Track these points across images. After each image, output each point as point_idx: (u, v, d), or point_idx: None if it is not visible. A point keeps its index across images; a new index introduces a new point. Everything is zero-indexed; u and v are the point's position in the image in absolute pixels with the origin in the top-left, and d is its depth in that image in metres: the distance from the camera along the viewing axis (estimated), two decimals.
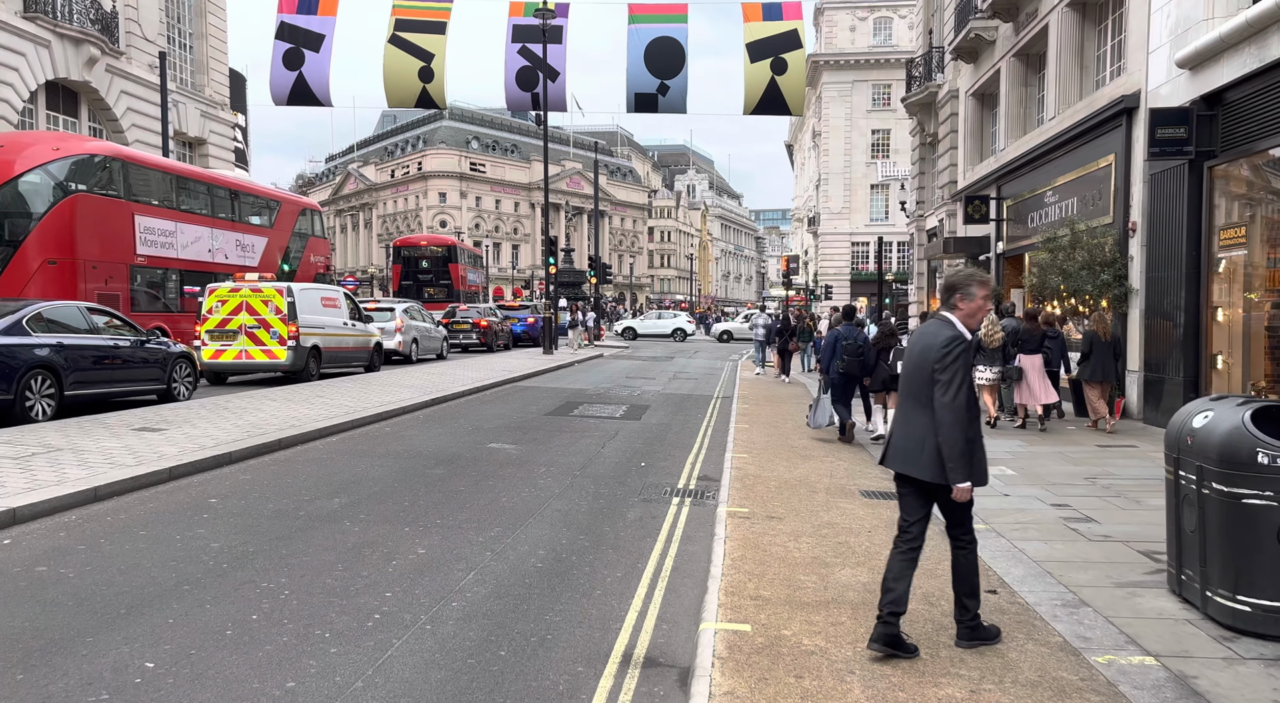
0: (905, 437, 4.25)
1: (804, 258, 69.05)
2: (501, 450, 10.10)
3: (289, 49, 28.37)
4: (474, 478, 8.46)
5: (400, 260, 42.94)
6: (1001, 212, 19.66)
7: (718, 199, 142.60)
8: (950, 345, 4.09)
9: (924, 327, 4.41)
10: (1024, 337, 12.06)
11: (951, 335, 4.14)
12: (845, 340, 10.98)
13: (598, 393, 17.11)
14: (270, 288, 15.76)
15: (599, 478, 8.69)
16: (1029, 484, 8.36)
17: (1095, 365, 11.75)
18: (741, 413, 13.96)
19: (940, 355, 4.08)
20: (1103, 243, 13.56)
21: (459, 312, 31.01)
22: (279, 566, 5.47)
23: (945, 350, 4.08)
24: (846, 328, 11.23)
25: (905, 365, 4.38)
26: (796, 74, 27.48)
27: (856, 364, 10.84)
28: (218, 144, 31.85)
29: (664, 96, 28.53)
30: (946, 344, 4.10)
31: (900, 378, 4.43)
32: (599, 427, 12.42)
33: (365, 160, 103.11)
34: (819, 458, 9.91)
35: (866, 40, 57.49)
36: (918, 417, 4.18)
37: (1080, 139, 15.24)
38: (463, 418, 12.81)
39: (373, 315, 22.39)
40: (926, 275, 29.35)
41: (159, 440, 9.02)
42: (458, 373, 19.33)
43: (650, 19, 29.25)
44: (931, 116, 27.13)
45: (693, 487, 8.43)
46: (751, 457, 9.73)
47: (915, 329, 4.96)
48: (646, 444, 11.01)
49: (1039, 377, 11.93)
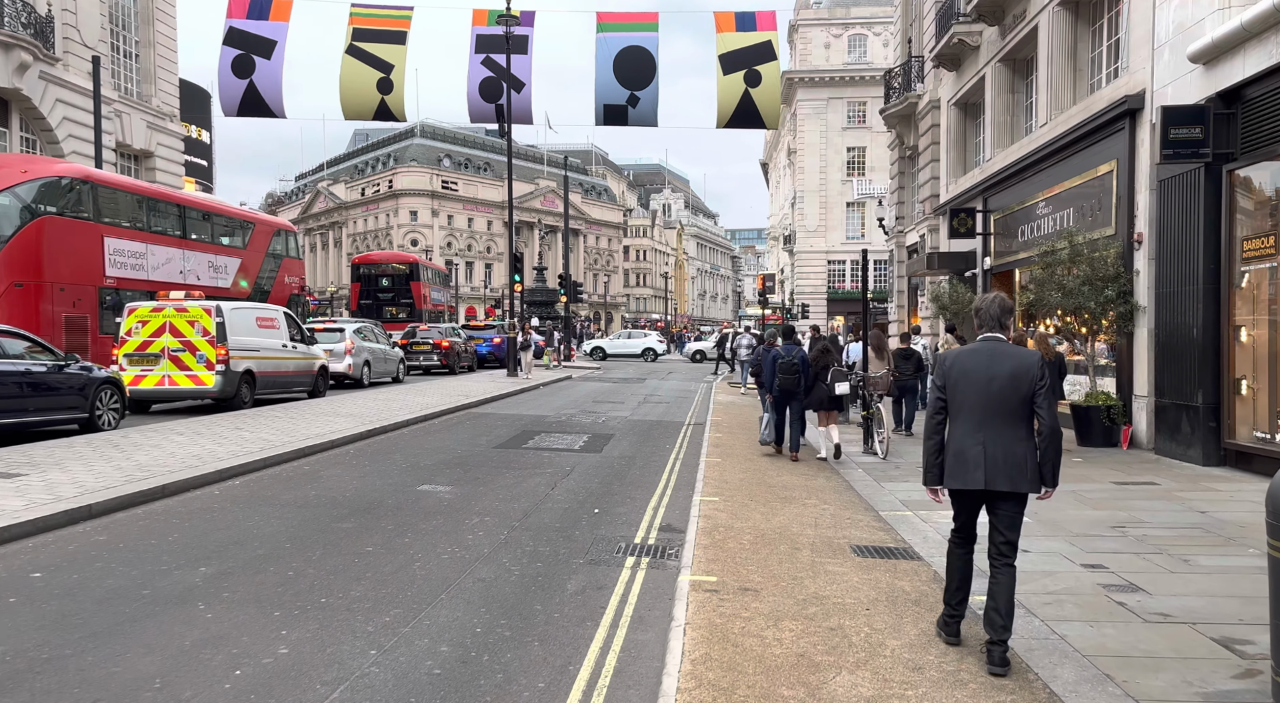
0: (1009, 455, 4.36)
1: (780, 276, 68.13)
2: (432, 495, 8.68)
3: (238, 56, 27.04)
4: (389, 533, 7.04)
5: (359, 278, 41.39)
6: (988, 225, 18.58)
7: (693, 218, 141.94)
8: (1043, 364, 4.45)
9: (991, 347, 4.49)
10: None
11: (1038, 355, 4.49)
12: (781, 359, 11.30)
13: (559, 420, 15.72)
14: (196, 307, 14.25)
15: (541, 530, 7.30)
16: (1048, 534, 7.07)
17: None
18: (714, 443, 12.63)
19: (1040, 374, 4.39)
20: (1105, 255, 12.42)
21: (419, 332, 29.52)
22: (68, 684, 4.02)
23: (1042, 369, 4.41)
24: (785, 347, 11.57)
25: (988, 387, 4.40)
26: (771, 86, 26.46)
27: (792, 381, 11.18)
28: (166, 157, 30.27)
29: (634, 108, 27.42)
30: (1041, 364, 4.43)
31: (979, 399, 4.42)
32: (554, 461, 11.04)
33: (335, 178, 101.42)
34: (800, 500, 8.59)
35: (841, 57, 56.98)
36: (1011, 432, 4.38)
37: (1076, 146, 14.16)
38: (399, 453, 11.37)
39: (320, 337, 20.93)
40: (907, 293, 28.29)
41: (6, 490, 7.50)
42: (408, 398, 17.86)
43: (619, 28, 28.16)
44: (911, 128, 26.15)
45: (652, 541, 7.07)
46: (723, 500, 8.39)
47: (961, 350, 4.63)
48: (604, 483, 9.63)
49: None
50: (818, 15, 57.48)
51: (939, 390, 4.54)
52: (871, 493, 9.07)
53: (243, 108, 27.30)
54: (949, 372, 4.50)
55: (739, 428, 14.82)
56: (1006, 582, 4.33)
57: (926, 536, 7.13)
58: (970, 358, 4.48)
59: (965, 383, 4.43)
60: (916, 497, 8.77)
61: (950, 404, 4.49)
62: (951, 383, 4.47)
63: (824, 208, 55.73)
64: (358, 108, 27.49)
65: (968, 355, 4.50)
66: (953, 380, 4.47)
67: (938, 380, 4.56)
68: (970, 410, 4.41)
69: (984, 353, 4.46)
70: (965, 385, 4.43)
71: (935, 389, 4.57)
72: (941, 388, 4.52)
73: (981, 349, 4.50)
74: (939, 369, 4.59)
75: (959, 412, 4.46)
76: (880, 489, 9.25)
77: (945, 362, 4.55)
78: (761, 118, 27.10)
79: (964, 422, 4.43)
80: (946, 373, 4.51)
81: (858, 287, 55.12)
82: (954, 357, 4.55)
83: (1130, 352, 12.47)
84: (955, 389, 4.46)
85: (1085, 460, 11.18)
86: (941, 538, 6.78)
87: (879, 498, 8.80)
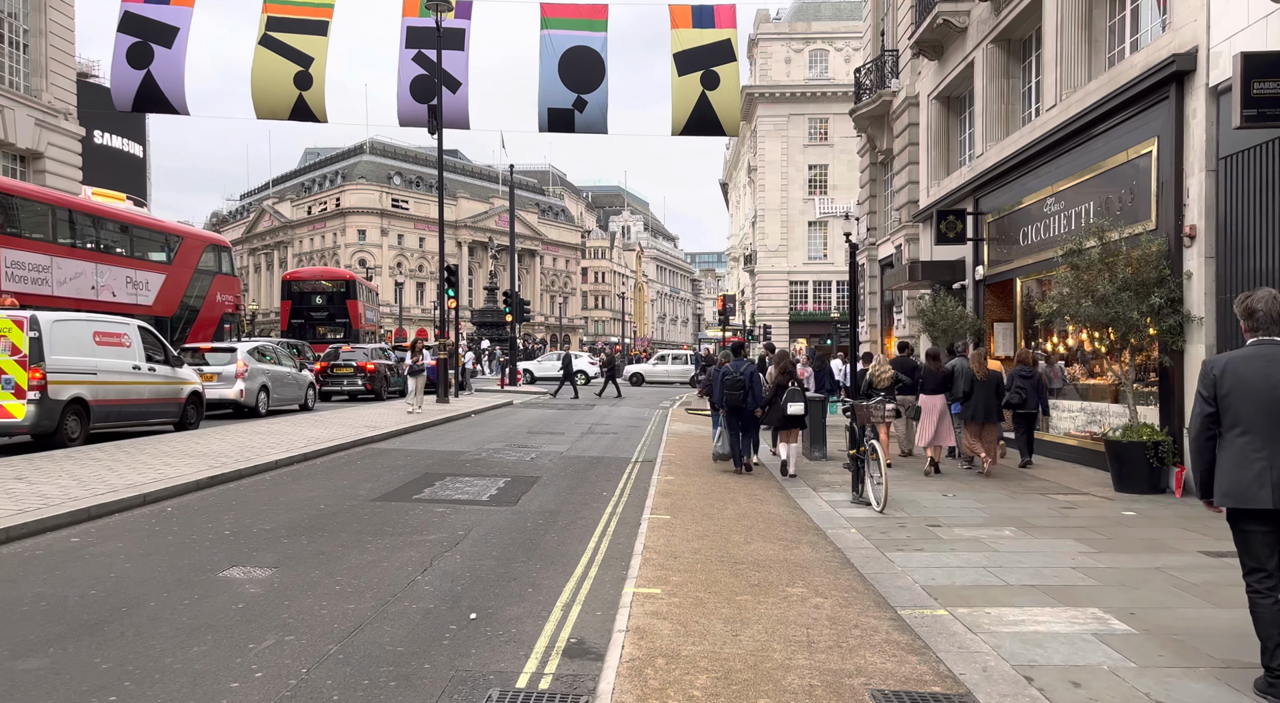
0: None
1: (741, 298, 65.89)
2: (233, 587, 5.81)
3: (135, 44, 24.12)
4: (97, 678, 4.18)
5: (290, 296, 38.21)
6: (981, 229, 16.21)
7: (653, 241, 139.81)
8: None
9: (1268, 352, 4.07)
10: (924, 376, 11.74)
11: None
12: (728, 375, 11.22)
13: (476, 459, 12.88)
14: (4, 318, 11.17)
15: (368, 663, 4.50)
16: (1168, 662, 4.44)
17: (976, 406, 11.16)
18: (663, 491, 9.90)
19: None
20: (1148, 254, 10.00)
21: (341, 354, 26.44)
22: None
23: None
24: (734, 363, 11.45)
25: (1270, 396, 3.99)
26: (730, 89, 24.08)
27: (737, 396, 11.12)
28: (59, 159, 26.87)
29: (581, 113, 24.88)
30: None
31: (1258, 411, 4.00)
32: (445, 521, 8.21)
33: (281, 196, 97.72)
34: (780, 587, 5.87)
35: (802, 73, 55.27)
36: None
37: (1097, 127, 11.81)
38: (235, 510, 8.45)
39: (209, 357, 17.89)
40: (880, 311, 25.93)
41: None
42: (301, 431, 14.87)
43: (566, 24, 25.64)
44: (884, 131, 23.89)
45: (545, 686, 4.29)
46: (668, 594, 5.65)
47: (1234, 355, 4.04)
48: (503, 559, 6.84)
49: (939, 418, 11.43)
50: (778, 29, 55.80)
51: (1206, 401, 4.18)
52: (878, 571, 6.40)
53: (139, 102, 24.35)
54: (1220, 380, 4.13)
55: (696, 468, 12.12)
56: None
57: (985, 663, 4.46)
58: (1245, 365, 4.10)
59: (1241, 392, 4.07)
60: (942, 576, 6.13)
61: (1224, 417, 4.13)
62: (1224, 393, 4.12)
63: (785, 227, 53.67)
64: (272, 105, 24.57)
65: (1240, 361, 4.13)
66: (1224, 389, 4.12)
67: (1204, 390, 4.20)
68: (1249, 423, 4.05)
69: (1260, 359, 4.08)
70: (1241, 396, 4.07)
71: (1200, 399, 4.22)
72: (1210, 399, 4.16)
73: (1257, 354, 4.09)
74: (1204, 379, 4.20)
75: (1234, 425, 4.10)
76: (889, 565, 6.59)
77: (1215, 369, 4.17)
78: (720, 124, 24.69)
79: (1241, 437, 4.07)
80: (1218, 381, 4.14)
81: (820, 308, 52.96)
82: (1224, 363, 4.18)
83: (1181, 373, 10.02)
84: (1229, 400, 4.10)
85: (1139, 515, 8.64)
86: (1009, 664, 4.32)
87: (890, 580, 6.13)
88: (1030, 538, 7.55)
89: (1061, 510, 8.91)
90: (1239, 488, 3.99)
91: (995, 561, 6.70)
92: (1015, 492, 10.12)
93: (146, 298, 22.01)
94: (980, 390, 11.13)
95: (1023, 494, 9.95)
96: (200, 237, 26.79)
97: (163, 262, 23.28)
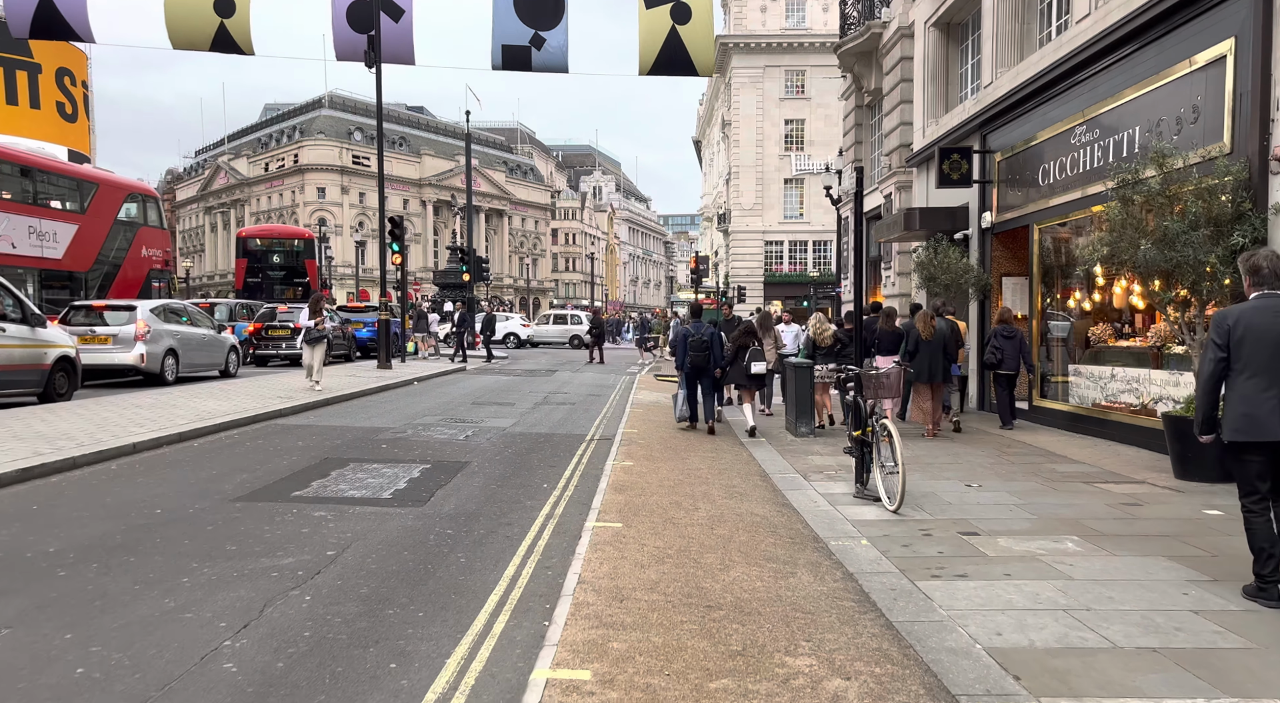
0: None
1: (715, 259, 63.67)
2: None
3: None
4: None
5: (246, 254, 35.60)
6: (989, 170, 14.16)
7: (625, 202, 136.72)
8: None
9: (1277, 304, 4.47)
10: (880, 336, 11.56)
11: None
12: (692, 336, 11.24)
13: (399, 437, 10.72)
14: None
15: None
16: None
17: (921, 365, 10.84)
18: (619, 483, 7.83)
19: None
20: (1223, 184, 7.99)
21: (278, 314, 24.01)
22: None
23: None
24: (695, 325, 11.48)
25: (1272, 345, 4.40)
26: (703, 24, 21.62)
27: (703, 357, 11.17)
28: None
29: (539, 51, 22.28)
30: None
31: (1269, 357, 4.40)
32: (317, 533, 6.08)
33: (237, 153, 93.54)
34: (776, 656, 3.82)
35: (779, 22, 52.57)
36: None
37: (1146, 33, 9.72)
38: (24, 519, 6.24)
39: (107, 317, 15.53)
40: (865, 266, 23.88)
41: None
42: (195, 404, 12.60)
43: None
44: (872, 68, 21.65)
45: None
46: (600, 678, 3.57)
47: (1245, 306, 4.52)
48: (372, 603, 4.73)
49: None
50: None
51: (1219, 348, 4.52)
52: (913, 617, 4.39)
53: (36, 28, 21.52)
54: (1233, 330, 4.49)
55: (660, 446, 10.07)
56: None
57: None
58: (1256, 316, 4.48)
59: (1252, 340, 4.44)
60: (1011, 629, 4.08)
61: (1234, 363, 4.49)
62: (1236, 341, 4.48)
63: (760, 184, 51.38)
64: (188, 33, 21.73)
65: (1252, 312, 4.50)
66: (1237, 339, 4.47)
67: (1217, 338, 4.53)
68: (1257, 366, 4.43)
69: (1268, 311, 4.47)
70: (1253, 343, 4.44)
71: (1213, 346, 4.55)
72: (1223, 346, 4.51)
73: (1265, 306, 4.50)
74: (1219, 327, 4.54)
75: (1243, 370, 4.46)
76: (926, 606, 4.57)
77: (1229, 319, 4.51)
78: (692, 63, 22.21)
79: (1251, 379, 4.44)
80: (1231, 330, 4.49)
81: (797, 269, 50.96)
82: (1237, 314, 4.54)
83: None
84: (1240, 347, 4.47)
85: (1226, 514, 6.69)
86: None
87: (935, 637, 4.11)
88: (1105, 555, 5.58)
89: (1124, 508, 6.96)
90: (1251, 423, 4.41)
91: (1075, 597, 4.72)
92: (1052, 479, 8.17)
93: (54, 251, 20.06)
94: (925, 350, 10.90)
95: (1063, 483, 8.00)
96: (120, 184, 24.07)
97: (75, 210, 21.18)
